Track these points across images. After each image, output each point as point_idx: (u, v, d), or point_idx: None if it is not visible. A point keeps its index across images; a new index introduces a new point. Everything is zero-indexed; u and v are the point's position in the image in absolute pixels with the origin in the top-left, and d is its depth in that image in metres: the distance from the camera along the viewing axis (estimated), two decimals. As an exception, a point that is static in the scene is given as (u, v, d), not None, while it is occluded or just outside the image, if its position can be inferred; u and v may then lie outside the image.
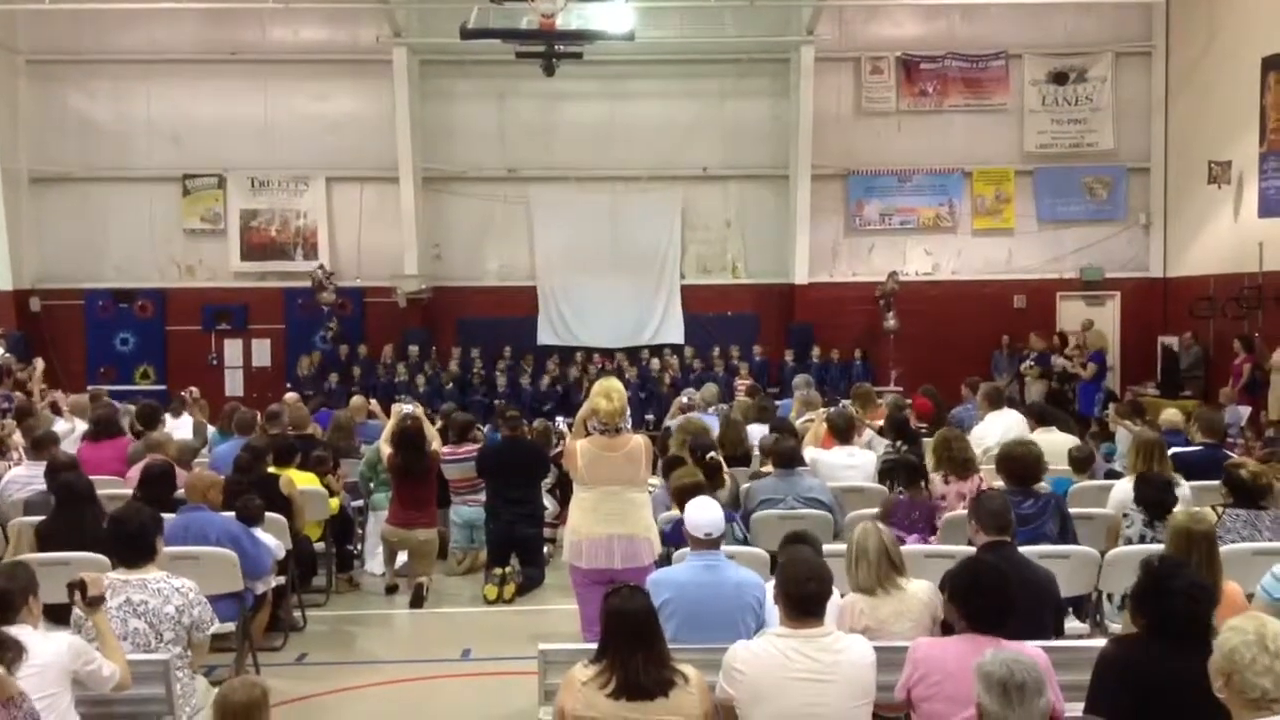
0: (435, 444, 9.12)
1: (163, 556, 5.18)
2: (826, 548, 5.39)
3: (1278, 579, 4.74)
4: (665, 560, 6.06)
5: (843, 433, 8.47)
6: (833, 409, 9.38)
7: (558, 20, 13.57)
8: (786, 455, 7.29)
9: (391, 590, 9.09)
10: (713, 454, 7.24)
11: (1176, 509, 5.86)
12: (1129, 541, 6.14)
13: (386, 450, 8.94)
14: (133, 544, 5.01)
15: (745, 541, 6.46)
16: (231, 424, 9.84)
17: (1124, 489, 6.72)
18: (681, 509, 6.09)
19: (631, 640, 3.89)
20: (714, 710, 4.00)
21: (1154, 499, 6.14)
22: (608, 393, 6.19)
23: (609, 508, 6.06)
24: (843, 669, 3.97)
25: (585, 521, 6.10)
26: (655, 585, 4.88)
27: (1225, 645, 3.17)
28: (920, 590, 4.70)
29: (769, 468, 7.55)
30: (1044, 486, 6.57)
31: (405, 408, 9.44)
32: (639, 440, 6.27)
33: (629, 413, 6.39)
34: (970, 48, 18.62)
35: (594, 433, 6.31)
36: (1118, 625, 5.72)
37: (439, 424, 10.71)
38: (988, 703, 3.32)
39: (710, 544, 4.94)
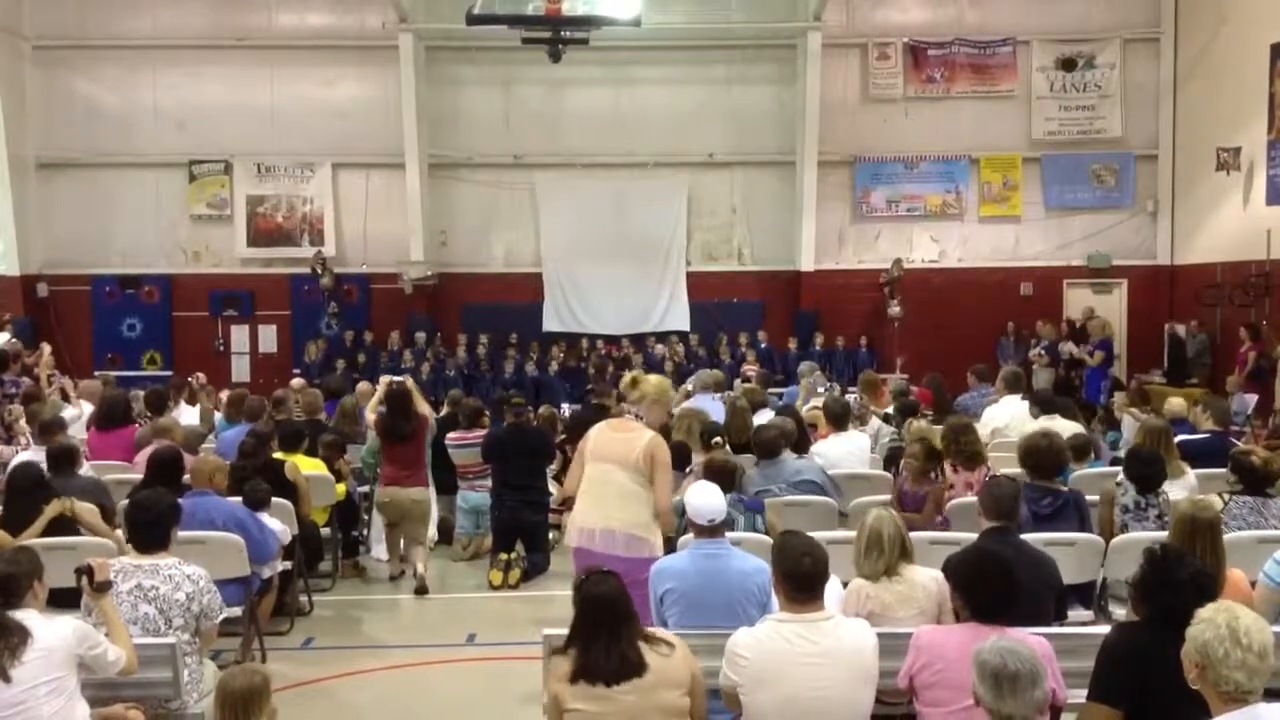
0: (423, 408, 9.15)
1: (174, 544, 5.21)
2: (829, 534, 5.39)
3: (1280, 564, 4.75)
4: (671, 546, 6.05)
5: (838, 419, 8.46)
6: (827, 396, 9.38)
7: (564, 6, 13.56)
8: (766, 446, 7.21)
9: (396, 578, 9.11)
10: (717, 439, 7.24)
11: (1181, 496, 5.86)
12: (1124, 509, 6.19)
13: (371, 417, 8.98)
14: (149, 530, 5.04)
15: (768, 532, 6.44)
16: (238, 410, 9.86)
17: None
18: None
19: (595, 626, 3.87)
20: (700, 674, 4.01)
21: (1141, 473, 6.22)
22: (641, 378, 6.35)
23: (601, 489, 5.90)
24: (845, 652, 3.98)
25: (580, 503, 5.99)
26: (658, 575, 4.88)
27: (1198, 638, 3.16)
28: (927, 579, 4.69)
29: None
30: (1061, 483, 6.54)
31: (396, 379, 9.55)
32: (649, 435, 5.96)
33: (651, 404, 6.20)
34: (978, 34, 18.55)
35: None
36: (1122, 612, 5.73)
37: (445, 410, 10.76)
38: (982, 692, 3.35)
39: (713, 531, 4.93)
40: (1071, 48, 18.55)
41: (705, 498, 4.97)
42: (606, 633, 3.85)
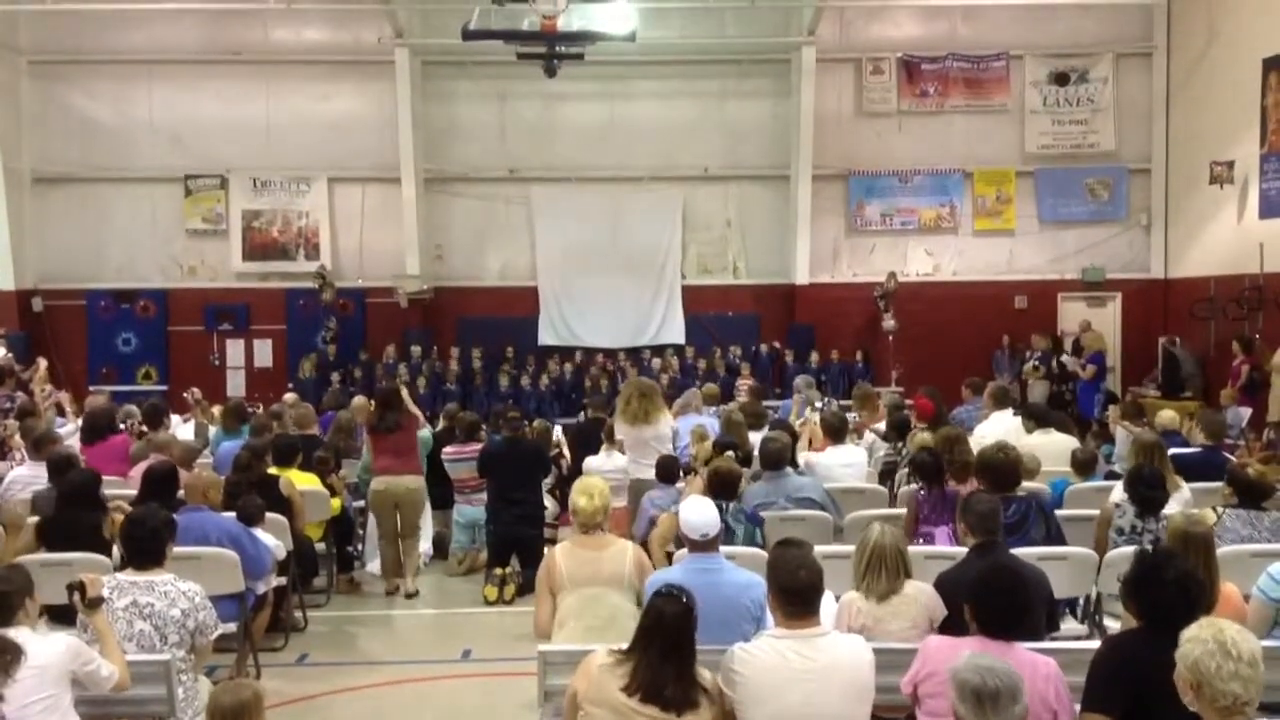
0: (412, 407, 9.23)
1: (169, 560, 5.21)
2: (826, 549, 5.38)
3: (1274, 579, 4.76)
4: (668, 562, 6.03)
5: (836, 432, 8.46)
6: (825, 409, 9.38)
7: (559, 21, 13.59)
8: (773, 457, 7.18)
9: (391, 594, 9.08)
10: (730, 452, 7.23)
11: (1174, 510, 5.87)
12: (1120, 532, 6.18)
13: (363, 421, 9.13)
14: (145, 547, 5.04)
15: (765, 546, 6.42)
16: (236, 419, 9.89)
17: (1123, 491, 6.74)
18: (713, 493, 6.08)
19: (666, 647, 3.87)
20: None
21: (1145, 496, 6.16)
22: (588, 491, 5.46)
23: (592, 617, 5.17)
24: (841, 668, 3.98)
25: (565, 635, 5.18)
26: (653, 589, 4.86)
27: (1189, 657, 3.18)
28: (919, 592, 4.70)
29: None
30: (1030, 487, 6.56)
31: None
32: (625, 544, 5.51)
33: (610, 510, 5.66)
34: (971, 48, 18.62)
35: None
36: (1115, 625, 5.73)
37: (442, 424, 10.77)
38: (963, 712, 3.34)
39: (706, 545, 4.93)
40: (1064, 62, 18.63)
41: (698, 512, 4.97)
42: (677, 657, 3.85)
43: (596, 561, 5.30)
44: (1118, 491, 6.87)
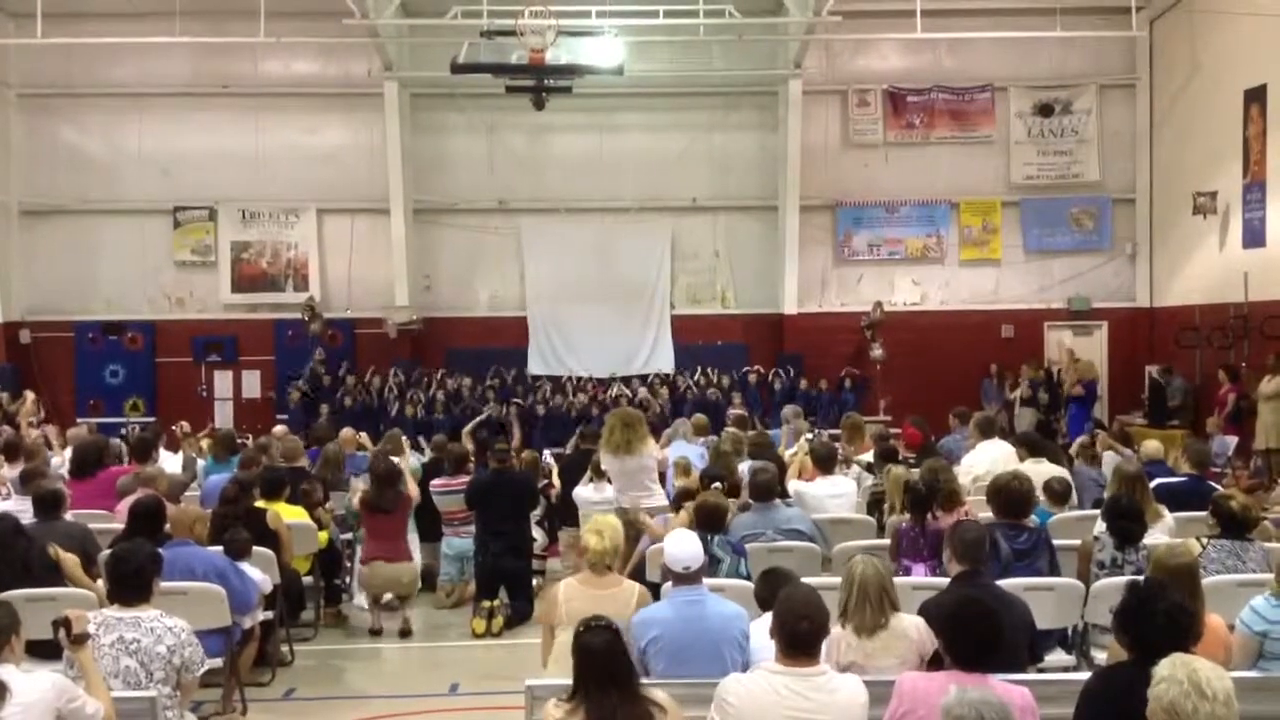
0: (410, 488, 9.15)
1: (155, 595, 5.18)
2: (813, 580, 5.38)
3: (1256, 612, 4.77)
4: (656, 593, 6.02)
5: (825, 463, 8.47)
6: (814, 440, 9.39)
7: (547, 55, 13.69)
8: (763, 488, 7.19)
9: (376, 633, 9.00)
10: (717, 484, 7.24)
11: (1159, 541, 5.90)
12: (1101, 565, 6.19)
13: (356, 500, 9.06)
14: (130, 582, 5.01)
15: (749, 577, 6.42)
16: (225, 449, 9.85)
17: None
18: (699, 526, 6.07)
19: (602, 678, 3.84)
20: None
21: (1123, 529, 6.19)
22: (600, 529, 5.42)
23: None
24: (835, 709, 3.95)
25: (558, 673, 4.93)
26: (642, 624, 4.84)
27: (1163, 698, 3.18)
28: (908, 625, 4.68)
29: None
30: (1033, 520, 6.58)
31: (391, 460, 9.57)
32: (631, 587, 5.44)
33: (620, 550, 5.67)
34: (956, 80, 18.79)
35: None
36: (1103, 655, 5.74)
37: (430, 455, 10.74)
38: None
39: (689, 578, 4.93)
40: (1048, 94, 18.81)
41: (682, 545, 4.98)
42: (615, 688, 3.82)
43: (599, 601, 5.11)
44: (1100, 524, 6.89)
